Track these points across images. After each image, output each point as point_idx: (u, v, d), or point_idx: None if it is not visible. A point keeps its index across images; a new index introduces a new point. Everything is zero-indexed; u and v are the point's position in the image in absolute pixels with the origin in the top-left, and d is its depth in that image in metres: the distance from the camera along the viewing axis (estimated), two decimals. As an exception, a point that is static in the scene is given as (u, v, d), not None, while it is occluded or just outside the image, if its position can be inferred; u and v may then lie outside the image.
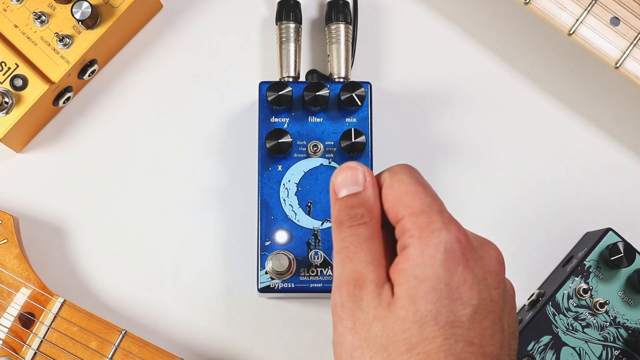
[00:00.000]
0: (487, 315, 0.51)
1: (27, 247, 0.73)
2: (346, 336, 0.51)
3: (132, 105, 0.76)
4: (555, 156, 0.76)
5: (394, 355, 0.49)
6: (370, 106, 0.71)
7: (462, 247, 0.51)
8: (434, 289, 0.50)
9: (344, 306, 0.52)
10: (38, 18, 0.70)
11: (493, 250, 0.53)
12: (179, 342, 0.73)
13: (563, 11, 0.68)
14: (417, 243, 0.51)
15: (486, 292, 0.51)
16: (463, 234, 0.52)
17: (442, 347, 0.49)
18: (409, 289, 0.50)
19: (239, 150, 0.75)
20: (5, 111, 0.70)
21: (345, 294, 0.52)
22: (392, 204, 0.53)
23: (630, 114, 0.77)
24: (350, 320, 0.51)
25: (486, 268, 0.52)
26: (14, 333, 0.68)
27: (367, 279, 0.52)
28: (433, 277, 0.50)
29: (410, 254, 0.51)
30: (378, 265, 0.52)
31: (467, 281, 0.50)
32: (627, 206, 0.76)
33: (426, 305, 0.50)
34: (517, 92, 0.77)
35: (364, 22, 0.77)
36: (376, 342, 0.50)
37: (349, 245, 0.53)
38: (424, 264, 0.50)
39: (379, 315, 0.51)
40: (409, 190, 0.53)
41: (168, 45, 0.77)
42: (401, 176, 0.53)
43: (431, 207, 0.52)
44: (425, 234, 0.51)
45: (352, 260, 0.53)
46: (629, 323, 0.68)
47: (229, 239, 0.74)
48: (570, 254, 0.74)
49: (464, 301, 0.50)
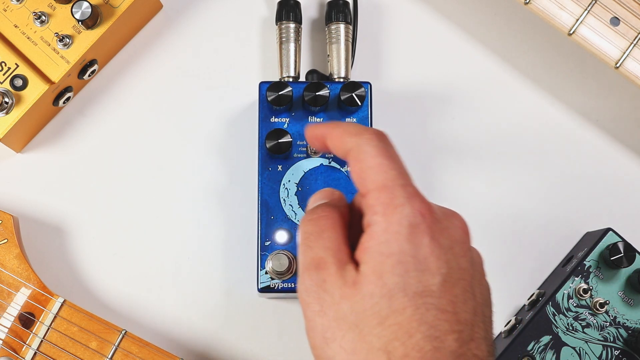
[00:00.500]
0: (457, 283, 0.51)
1: (27, 247, 0.73)
2: (316, 320, 0.51)
3: (132, 105, 0.76)
4: (555, 156, 0.76)
5: (366, 330, 0.50)
6: (370, 106, 0.71)
7: (425, 220, 0.51)
8: (401, 262, 0.50)
9: (309, 291, 0.52)
10: (38, 18, 0.70)
11: (458, 221, 0.53)
12: (179, 342, 0.73)
13: (563, 11, 0.68)
14: (380, 220, 0.51)
15: (454, 260, 0.51)
16: (426, 206, 0.52)
17: (413, 316, 0.49)
18: (375, 265, 0.50)
19: (239, 150, 0.75)
20: (5, 111, 0.70)
21: (308, 279, 0.52)
22: (357, 176, 0.53)
23: (630, 114, 0.77)
24: (317, 304, 0.51)
25: (452, 238, 0.52)
26: (14, 333, 0.68)
27: (327, 262, 0.52)
28: (399, 251, 0.50)
29: (375, 231, 0.51)
30: (338, 250, 0.53)
31: (434, 252, 0.51)
32: (627, 206, 0.76)
33: (393, 279, 0.50)
34: (517, 92, 0.77)
35: (364, 22, 0.77)
36: (346, 320, 0.50)
37: (309, 236, 0.54)
38: (388, 241, 0.50)
39: (345, 294, 0.51)
40: (373, 164, 0.52)
41: (168, 45, 0.77)
42: (368, 148, 0.53)
43: (395, 181, 0.52)
44: (389, 211, 0.51)
45: (312, 247, 0.53)
46: (629, 323, 0.68)
47: (229, 239, 0.74)
48: (570, 254, 0.74)
49: (432, 271, 0.50)
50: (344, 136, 0.54)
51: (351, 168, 0.53)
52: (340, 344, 0.50)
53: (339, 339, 0.50)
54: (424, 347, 0.48)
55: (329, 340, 0.51)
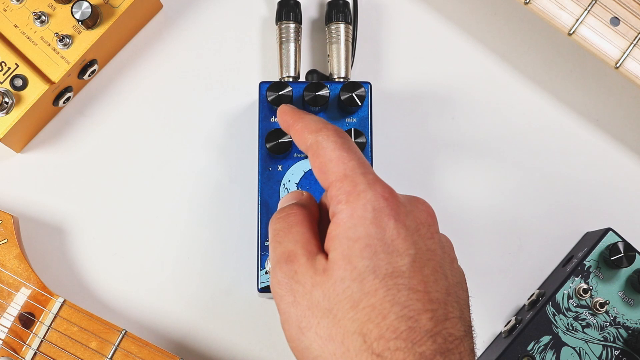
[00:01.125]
0: (427, 264, 0.51)
1: (27, 247, 0.73)
2: (290, 311, 0.52)
3: (132, 105, 0.76)
4: (555, 156, 0.76)
5: (340, 315, 0.50)
6: (370, 106, 0.71)
7: (389, 203, 0.52)
8: (368, 245, 0.51)
9: (281, 283, 0.53)
10: (38, 18, 0.70)
11: (422, 204, 0.54)
12: (179, 342, 0.73)
13: (563, 11, 0.68)
14: (344, 208, 0.52)
15: (421, 242, 0.52)
16: (388, 191, 0.53)
17: (385, 297, 0.49)
18: (344, 250, 0.51)
19: (239, 150, 0.75)
20: (5, 111, 0.70)
21: (279, 272, 0.53)
22: (318, 171, 0.54)
23: (630, 114, 0.77)
24: (290, 295, 0.52)
25: (417, 220, 0.53)
26: (14, 333, 0.68)
27: (297, 254, 0.53)
28: (365, 235, 0.51)
29: (340, 219, 0.52)
30: (307, 243, 0.54)
31: (400, 234, 0.51)
32: (627, 206, 0.76)
33: (363, 262, 0.50)
34: (517, 92, 0.77)
35: (364, 22, 0.77)
36: (319, 307, 0.51)
37: (278, 232, 0.55)
38: (354, 225, 0.51)
39: (317, 282, 0.51)
40: (332, 157, 0.54)
41: (168, 45, 0.77)
42: (326, 143, 0.55)
43: (355, 170, 0.53)
44: (352, 197, 0.52)
45: (282, 242, 0.54)
46: (629, 323, 0.68)
47: (229, 239, 0.74)
48: (570, 254, 0.74)
49: (400, 252, 0.51)
50: (304, 132, 0.56)
51: (312, 163, 0.55)
52: (315, 332, 0.51)
53: (314, 326, 0.51)
54: (398, 328, 0.49)
55: (304, 329, 0.51)
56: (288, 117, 0.59)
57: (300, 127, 0.57)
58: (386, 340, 0.49)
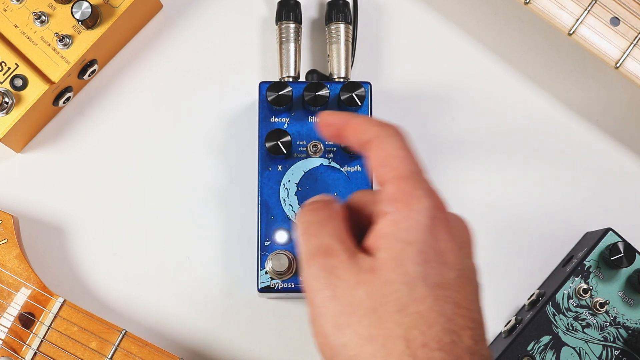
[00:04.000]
0: (470, 282, 0.51)
1: (27, 247, 0.73)
2: (327, 305, 0.51)
3: (132, 105, 0.76)
4: (555, 156, 0.76)
5: (385, 316, 0.49)
6: (370, 106, 0.71)
7: (442, 214, 0.51)
8: (422, 251, 0.50)
9: (318, 277, 0.51)
10: (38, 18, 0.70)
11: (463, 224, 0.54)
12: (179, 342, 0.73)
13: (563, 11, 0.68)
14: (402, 207, 0.51)
15: (466, 259, 0.52)
16: (443, 204, 0.52)
17: (433, 307, 0.49)
18: (396, 252, 0.50)
19: (239, 150, 0.75)
20: (5, 111, 0.70)
21: (316, 266, 0.51)
22: (379, 163, 0.53)
23: (630, 114, 0.77)
24: (328, 290, 0.51)
25: (462, 238, 0.52)
26: (14, 333, 0.68)
27: (335, 249, 0.52)
28: (420, 240, 0.50)
29: (395, 218, 0.51)
30: (344, 239, 0.52)
31: (450, 247, 0.51)
32: (627, 206, 0.76)
33: (415, 267, 0.49)
34: (517, 92, 0.77)
35: (364, 22, 0.77)
36: (362, 305, 0.50)
37: (311, 225, 0.53)
38: (410, 228, 0.50)
39: (362, 280, 0.50)
40: (396, 154, 0.53)
41: (168, 46, 0.77)
42: (392, 139, 0.53)
43: (416, 173, 0.52)
44: (410, 200, 0.51)
45: (317, 235, 0.53)
46: (629, 323, 0.68)
47: (229, 239, 0.74)
48: (570, 254, 0.74)
49: (450, 265, 0.50)
50: (367, 125, 0.54)
51: (372, 155, 0.53)
52: (355, 330, 0.50)
53: (354, 324, 0.50)
54: (442, 339, 0.48)
55: (342, 325, 0.50)
56: (340, 115, 0.57)
57: (361, 120, 0.55)
58: (430, 349, 0.48)
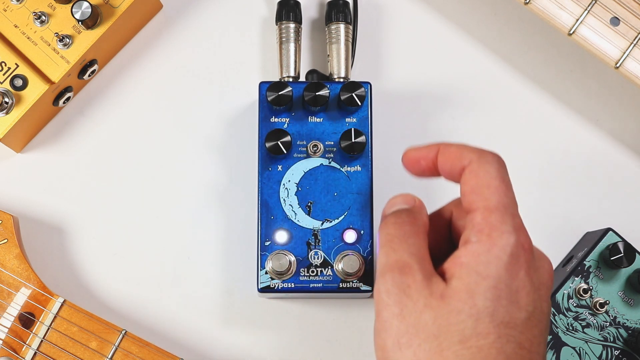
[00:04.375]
0: (537, 325, 0.51)
1: (27, 247, 0.73)
2: (392, 322, 0.51)
3: (132, 105, 0.76)
4: (555, 156, 0.76)
5: (445, 344, 0.50)
6: (370, 106, 0.71)
7: (525, 254, 0.52)
8: (495, 287, 0.50)
9: (390, 292, 0.52)
10: (38, 18, 0.70)
11: (548, 265, 0.54)
12: (179, 342, 0.73)
13: (563, 11, 0.68)
14: (485, 240, 0.51)
15: (539, 302, 0.52)
16: (528, 242, 0.52)
17: (494, 344, 0.49)
18: (470, 283, 0.50)
19: (239, 150, 0.75)
20: (5, 111, 0.70)
21: (391, 281, 0.52)
22: (471, 190, 0.53)
23: (630, 114, 0.77)
24: (397, 307, 0.51)
25: (541, 279, 0.53)
26: (14, 333, 0.68)
27: (412, 268, 0.52)
28: (495, 276, 0.50)
29: (475, 250, 0.51)
30: (423, 259, 0.53)
31: (525, 287, 0.51)
32: (627, 206, 0.76)
33: (484, 302, 0.50)
34: (517, 92, 0.77)
35: (364, 22, 0.77)
36: (426, 329, 0.50)
37: (393, 239, 0.54)
38: (488, 262, 0.51)
39: (431, 305, 0.51)
40: (491, 184, 0.53)
41: (168, 46, 0.77)
42: (489, 167, 0.53)
43: (507, 207, 0.53)
44: (495, 234, 0.51)
45: (396, 250, 0.53)
46: (629, 323, 0.68)
47: (229, 239, 0.74)
48: (570, 254, 0.74)
49: (520, 305, 0.51)
50: (463, 151, 0.55)
51: (465, 180, 0.53)
52: (414, 352, 0.50)
53: (415, 346, 0.50)
54: None
55: (403, 346, 0.51)
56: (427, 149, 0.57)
57: (456, 147, 0.55)
58: None
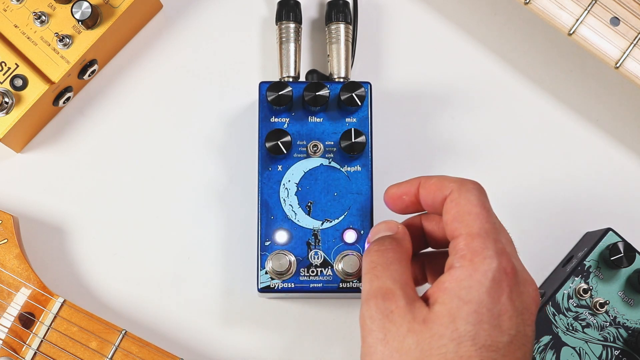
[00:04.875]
0: (521, 348, 0.52)
1: (27, 247, 0.73)
2: (377, 347, 0.52)
3: (132, 105, 0.76)
4: (555, 156, 0.76)
5: None
6: (370, 106, 0.71)
7: (508, 279, 0.52)
8: (476, 312, 0.51)
9: (373, 318, 0.53)
10: (38, 18, 0.70)
11: (533, 290, 0.55)
12: (179, 342, 0.73)
13: (563, 11, 0.68)
14: (467, 265, 0.52)
15: (522, 326, 0.53)
16: (511, 266, 0.53)
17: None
18: (452, 308, 0.51)
19: (239, 150, 0.75)
20: (5, 111, 0.70)
21: (374, 307, 0.53)
22: (453, 218, 0.55)
23: (630, 114, 0.77)
24: (380, 332, 0.52)
25: (525, 304, 0.53)
26: (14, 333, 0.68)
27: (395, 294, 0.53)
28: (477, 301, 0.51)
29: (458, 275, 0.52)
30: (406, 285, 0.54)
31: (507, 311, 0.52)
32: (627, 206, 0.76)
33: (466, 326, 0.51)
34: (517, 92, 0.77)
35: (364, 22, 0.77)
36: (409, 354, 0.51)
37: (376, 266, 0.55)
38: (470, 287, 0.52)
39: (413, 329, 0.52)
40: (472, 211, 0.54)
41: (168, 46, 0.77)
42: (470, 195, 0.55)
43: (488, 233, 0.54)
44: (477, 259, 0.52)
45: (379, 277, 0.54)
46: (629, 323, 0.68)
47: (229, 239, 0.74)
48: (570, 254, 0.74)
49: (502, 329, 0.51)
50: (444, 181, 0.56)
51: (447, 210, 0.55)
52: None
53: None
54: None
55: None
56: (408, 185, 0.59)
57: (435, 180, 0.57)
58: None
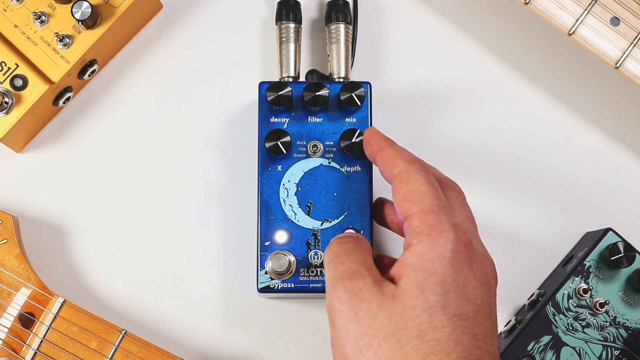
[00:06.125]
0: (488, 317, 0.53)
1: (27, 247, 0.73)
2: (349, 327, 0.52)
3: (132, 105, 0.76)
4: (555, 156, 0.76)
5: (404, 340, 0.51)
6: (370, 106, 0.71)
7: (467, 250, 0.53)
8: (442, 282, 0.52)
9: (342, 299, 0.53)
10: (38, 18, 0.70)
11: (490, 265, 0.56)
12: (179, 342, 0.73)
13: (563, 11, 0.68)
14: (425, 240, 0.53)
15: (487, 297, 0.54)
16: (467, 239, 0.54)
17: (450, 336, 0.51)
18: (418, 280, 0.52)
19: (239, 150, 0.75)
20: (5, 111, 0.70)
21: (342, 288, 0.54)
22: (404, 197, 0.56)
23: (630, 114, 0.77)
24: (351, 311, 0.53)
25: (486, 276, 0.54)
26: (14, 333, 0.68)
27: (362, 273, 0.54)
28: (441, 272, 0.52)
29: (419, 250, 0.53)
30: (371, 267, 0.55)
31: (471, 282, 0.53)
32: (627, 206, 0.76)
33: (435, 297, 0.51)
34: (517, 92, 0.77)
35: (364, 22, 0.77)
36: (383, 328, 0.51)
37: (339, 254, 0.56)
38: (432, 259, 0.52)
39: (384, 305, 0.52)
40: (422, 189, 0.55)
41: (168, 46, 0.77)
42: (418, 175, 0.56)
43: (441, 208, 0.55)
44: (434, 233, 0.53)
45: (344, 262, 0.55)
46: (629, 323, 0.68)
47: (229, 239, 0.74)
48: (570, 254, 0.74)
49: (469, 298, 0.52)
50: (396, 159, 0.58)
51: (397, 189, 0.56)
52: (375, 352, 0.51)
53: (375, 346, 0.51)
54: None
55: (363, 347, 0.52)
56: (379, 140, 0.61)
57: (392, 152, 0.59)
58: None
